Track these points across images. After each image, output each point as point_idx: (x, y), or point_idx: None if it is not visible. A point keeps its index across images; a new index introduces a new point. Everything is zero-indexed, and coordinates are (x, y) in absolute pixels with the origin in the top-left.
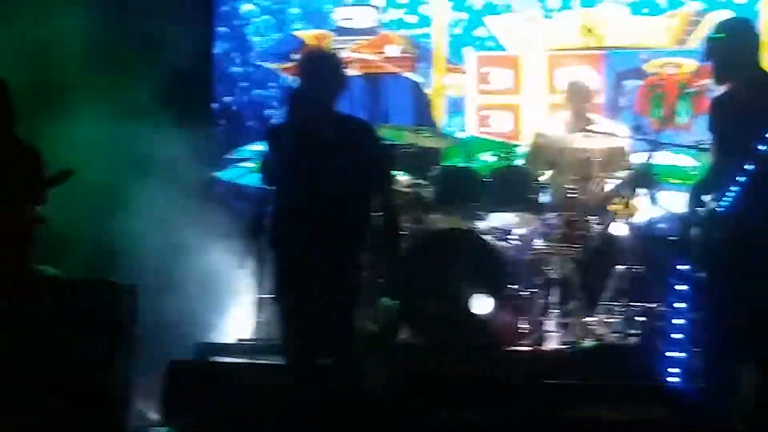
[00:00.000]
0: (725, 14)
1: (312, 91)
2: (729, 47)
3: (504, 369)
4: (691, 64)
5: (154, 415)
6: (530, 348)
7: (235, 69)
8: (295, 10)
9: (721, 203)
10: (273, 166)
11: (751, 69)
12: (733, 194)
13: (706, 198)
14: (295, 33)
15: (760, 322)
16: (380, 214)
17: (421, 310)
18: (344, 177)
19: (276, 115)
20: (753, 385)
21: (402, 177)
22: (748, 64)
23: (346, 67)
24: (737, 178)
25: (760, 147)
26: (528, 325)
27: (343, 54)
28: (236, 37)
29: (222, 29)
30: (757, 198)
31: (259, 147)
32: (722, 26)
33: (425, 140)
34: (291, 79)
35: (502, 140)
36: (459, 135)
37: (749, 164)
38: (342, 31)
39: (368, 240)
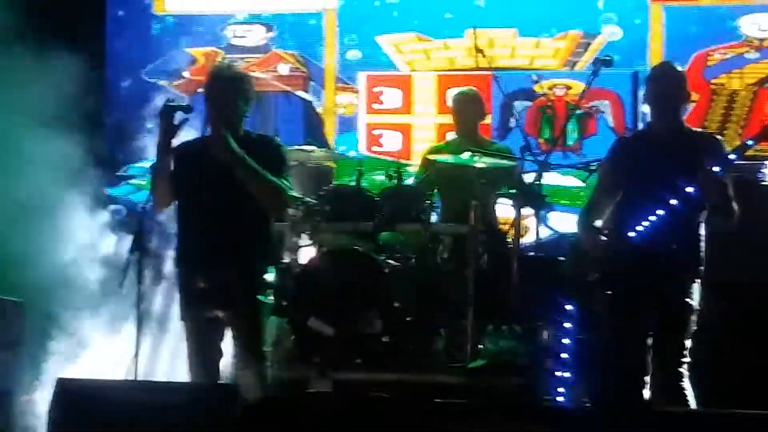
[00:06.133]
0: (615, 34)
1: (221, 109)
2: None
3: (393, 388)
4: (579, 86)
5: None
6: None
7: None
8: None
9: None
10: (178, 183)
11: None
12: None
13: (598, 223)
14: (186, 50)
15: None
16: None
17: (311, 328)
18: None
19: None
20: None
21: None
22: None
23: (253, 85)
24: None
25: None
26: (418, 345)
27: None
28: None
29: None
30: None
31: (148, 164)
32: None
33: (316, 159)
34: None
35: (393, 159)
36: (350, 154)
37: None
38: (233, 48)
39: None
